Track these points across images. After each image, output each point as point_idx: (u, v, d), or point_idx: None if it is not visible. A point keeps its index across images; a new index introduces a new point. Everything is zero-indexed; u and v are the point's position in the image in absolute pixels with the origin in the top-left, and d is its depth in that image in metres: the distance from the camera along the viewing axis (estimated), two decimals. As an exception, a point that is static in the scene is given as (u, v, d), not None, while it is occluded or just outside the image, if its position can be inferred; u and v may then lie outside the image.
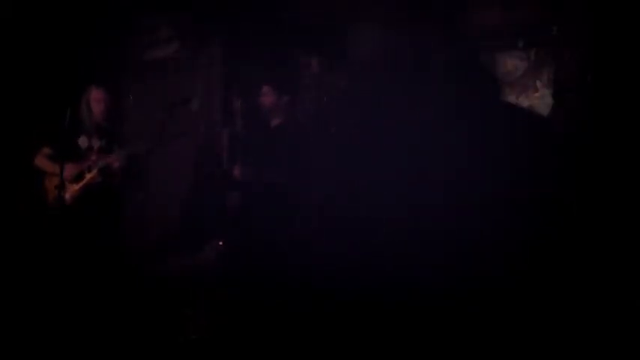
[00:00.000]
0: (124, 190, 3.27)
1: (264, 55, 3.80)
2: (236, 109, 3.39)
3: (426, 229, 0.63)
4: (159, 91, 4.44)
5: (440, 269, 0.64)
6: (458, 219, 0.64)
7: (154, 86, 4.62)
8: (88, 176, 3.27)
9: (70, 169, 3.22)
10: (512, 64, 5.22)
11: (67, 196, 3.18)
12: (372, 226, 0.61)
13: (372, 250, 0.60)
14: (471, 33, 5.05)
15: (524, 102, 5.15)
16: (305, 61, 4.08)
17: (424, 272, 0.63)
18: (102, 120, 3.35)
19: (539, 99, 5.09)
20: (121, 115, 3.91)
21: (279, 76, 3.24)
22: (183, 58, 4.72)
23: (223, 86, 4.22)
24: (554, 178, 0.77)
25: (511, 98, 5.20)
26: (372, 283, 0.59)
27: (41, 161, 3.36)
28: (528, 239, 0.67)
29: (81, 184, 3.25)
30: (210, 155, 3.71)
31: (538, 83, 5.13)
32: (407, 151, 0.64)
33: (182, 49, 4.81)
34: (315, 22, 3.14)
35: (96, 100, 3.33)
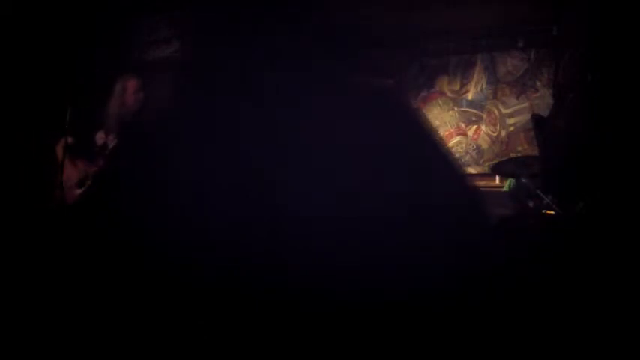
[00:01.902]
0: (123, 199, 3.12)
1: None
2: None
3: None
4: (158, 91, 4.43)
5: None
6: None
7: (154, 86, 4.61)
8: (89, 183, 3.19)
9: (76, 171, 3.09)
10: (512, 64, 5.23)
11: (69, 199, 3.11)
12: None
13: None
14: (471, 32, 5.05)
15: (524, 102, 5.16)
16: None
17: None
18: (133, 113, 3.14)
19: (539, 99, 5.09)
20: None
21: None
22: (183, 58, 4.72)
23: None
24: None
25: (511, 98, 5.21)
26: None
27: (60, 151, 3.15)
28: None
29: (83, 189, 3.17)
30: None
31: (538, 83, 5.13)
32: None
33: (182, 49, 4.81)
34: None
35: (133, 90, 3.15)
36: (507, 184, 4.31)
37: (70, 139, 3.17)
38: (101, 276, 0.75)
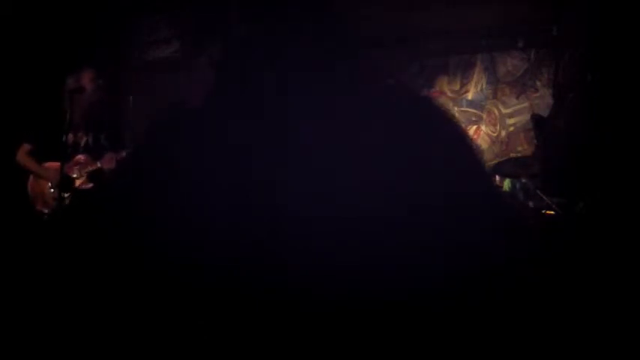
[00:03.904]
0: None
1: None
2: None
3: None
4: (158, 91, 4.44)
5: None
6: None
7: (154, 86, 4.62)
8: (77, 183, 3.10)
9: (55, 172, 3.00)
10: (512, 64, 5.22)
11: (55, 203, 2.99)
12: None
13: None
14: (471, 32, 5.05)
15: (524, 102, 5.16)
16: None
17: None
18: (88, 109, 3.12)
19: (539, 99, 5.09)
20: (116, 109, 3.76)
21: None
22: (183, 58, 4.73)
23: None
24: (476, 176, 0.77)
25: (511, 98, 5.20)
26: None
27: (23, 159, 3.13)
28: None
29: (70, 191, 3.05)
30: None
31: (538, 83, 5.13)
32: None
33: (182, 49, 4.81)
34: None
35: (89, 88, 3.12)
36: (506, 184, 4.31)
37: (30, 145, 3.12)
38: (101, 276, 0.75)
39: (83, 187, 3.10)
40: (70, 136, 3.14)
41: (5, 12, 4.11)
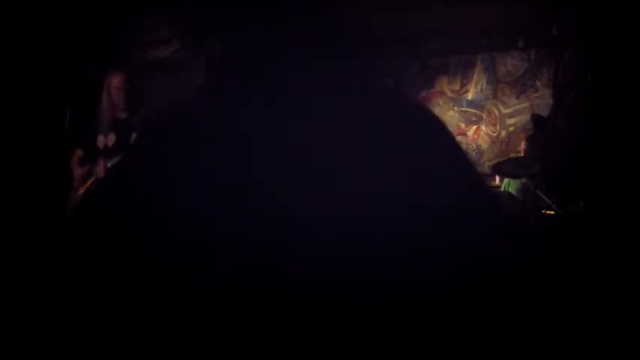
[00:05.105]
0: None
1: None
2: None
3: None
4: (158, 91, 4.43)
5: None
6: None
7: (154, 86, 4.62)
8: (87, 184, 3.14)
9: (81, 177, 3.09)
10: (512, 64, 5.22)
11: (72, 205, 3.07)
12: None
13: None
14: (471, 32, 5.05)
15: (524, 102, 5.16)
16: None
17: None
18: (121, 110, 3.09)
19: (539, 99, 5.09)
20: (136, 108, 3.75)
21: None
22: (183, 58, 4.73)
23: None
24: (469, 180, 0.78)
25: (511, 98, 5.20)
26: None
27: (76, 164, 3.06)
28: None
29: (80, 196, 3.12)
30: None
31: (538, 83, 5.13)
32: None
33: (182, 49, 4.82)
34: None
35: (115, 87, 3.07)
36: (504, 184, 4.31)
37: (80, 151, 3.14)
38: (100, 276, 0.76)
39: (89, 189, 3.11)
40: (102, 140, 3.12)
41: (5, 12, 4.11)
